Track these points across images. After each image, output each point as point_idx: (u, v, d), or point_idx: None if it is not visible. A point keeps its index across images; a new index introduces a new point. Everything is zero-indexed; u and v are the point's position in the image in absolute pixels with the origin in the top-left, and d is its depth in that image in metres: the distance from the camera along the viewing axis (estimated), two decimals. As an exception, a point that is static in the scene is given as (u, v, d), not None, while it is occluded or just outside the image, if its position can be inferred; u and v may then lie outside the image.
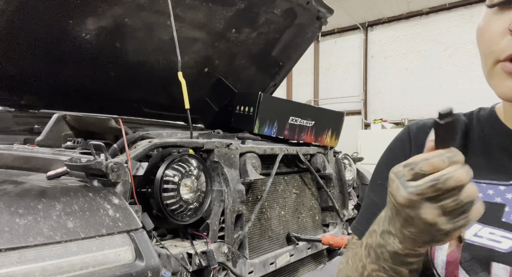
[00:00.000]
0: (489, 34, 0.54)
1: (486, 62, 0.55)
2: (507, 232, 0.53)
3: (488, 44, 0.54)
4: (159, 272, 1.05)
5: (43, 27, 1.81)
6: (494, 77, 0.53)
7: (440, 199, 0.43)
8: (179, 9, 2.11)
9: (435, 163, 0.43)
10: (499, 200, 0.56)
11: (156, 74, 2.40)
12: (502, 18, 0.52)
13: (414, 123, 0.72)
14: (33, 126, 2.10)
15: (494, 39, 0.53)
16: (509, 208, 0.55)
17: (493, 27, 0.53)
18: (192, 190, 1.39)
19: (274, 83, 3.07)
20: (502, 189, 0.57)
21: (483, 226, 0.56)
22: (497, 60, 0.52)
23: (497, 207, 0.56)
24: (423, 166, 0.43)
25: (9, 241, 0.85)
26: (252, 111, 2.03)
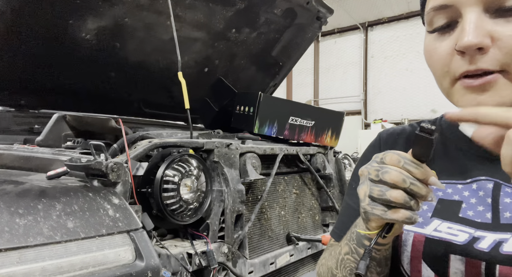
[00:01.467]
0: (438, 56, 0.57)
1: (442, 83, 0.59)
2: (463, 226, 0.58)
3: (440, 66, 0.57)
4: (159, 272, 1.05)
5: (43, 27, 1.81)
6: (454, 94, 0.57)
7: (374, 183, 0.50)
8: (179, 9, 2.11)
9: (395, 159, 0.49)
10: (457, 197, 0.61)
11: (156, 74, 2.40)
12: (446, 40, 0.56)
13: (385, 130, 0.78)
14: (33, 126, 2.10)
15: (444, 60, 0.56)
16: (466, 204, 0.60)
17: (440, 50, 0.57)
18: (192, 190, 1.39)
19: (274, 83, 3.07)
20: (459, 188, 0.62)
21: (442, 221, 0.60)
22: (453, 79, 0.56)
23: (455, 204, 0.61)
24: (387, 157, 0.50)
25: (9, 241, 0.85)
26: (252, 111, 2.02)
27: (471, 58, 0.53)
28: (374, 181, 0.50)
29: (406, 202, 0.48)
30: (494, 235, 0.55)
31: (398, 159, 0.49)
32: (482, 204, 0.59)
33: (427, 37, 0.60)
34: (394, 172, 0.48)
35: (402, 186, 0.48)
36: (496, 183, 0.59)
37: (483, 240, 0.55)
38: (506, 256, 0.52)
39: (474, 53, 0.52)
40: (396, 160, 0.49)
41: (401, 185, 0.48)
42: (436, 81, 0.62)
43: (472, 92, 0.55)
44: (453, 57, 0.55)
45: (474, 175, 0.62)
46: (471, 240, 0.56)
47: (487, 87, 0.53)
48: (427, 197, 0.49)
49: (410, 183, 0.48)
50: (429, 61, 0.60)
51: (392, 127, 0.78)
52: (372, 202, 0.50)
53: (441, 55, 0.57)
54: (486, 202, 0.59)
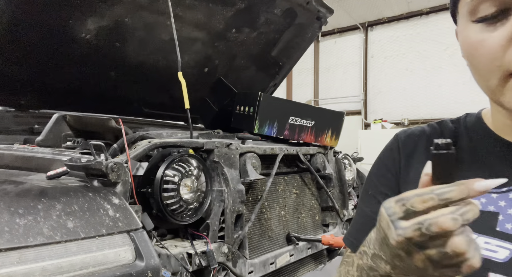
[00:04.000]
0: (488, 49, 0.50)
1: (489, 79, 0.51)
2: (502, 242, 0.53)
3: (490, 60, 0.50)
4: (159, 272, 1.05)
5: (43, 27, 1.81)
6: (506, 93, 0.50)
7: (425, 246, 0.41)
8: (179, 9, 2.11)
9: (426, 199, 0.40)
10: (492, 208, 0.55)
11: (156, 74, 2.40)
12: (497, 31, 0.49)
13: (402, 131, 0.71)
14: (33, 126, 2.10)
15: (495, 53, 0.49)
16: (503, 216, 0.54)
17: (490, 41, 0.50)
18: (192, 190, 1.39)
19: (274, 83, 3.07)
20: (494, 197, 0.56)
21: (477, 236, 0.55)
22: (507, 75, 0.49)
23: (490, 215, 0.55)
24: (414, 202, 0.41)
25: (9, 241, 0.85)
26: (252, 111, 2.02)
27: None
28: (424, 243, 0.41)
29: (471, 243, 0.40)
30: None
31: (429, 196, 0.41)
32: None
33: (469, 28, 0.53)
34: (438, 218, 0.39)
35: (454, 228, 0.39)
36: None
37: None
38: None
39: None
40: (429, 198, 0.41)
41: (452, 228, 0.39)
42: (479, 78, 0.54)
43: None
44: (508, 49, 0.48)
45: (510, 182, 0.55)
46: (511, 257, 0.51)
47: None
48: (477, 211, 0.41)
49: (461, 217, 0.40)
50: (474, 55, 0.53)
51: (410, 128, 0.71)
52: (438, 267, 0.42)
53: (492, 47, 0.49)
54: None
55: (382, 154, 0.72)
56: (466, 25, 0.53)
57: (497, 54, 0.49)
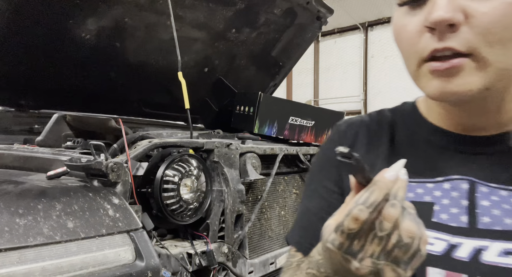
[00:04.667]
0: (407, 34, 0.50)
1: (410, 64, 0.52)
2: (439, 233, 0.52)
3: (409, 45, 0.51)
4: (159, 272, 1.05)
5: (43, 27, 1.81)
6: (421, 79, 0.51)
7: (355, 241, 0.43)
8: (179, 9, 2.11)
9: (356, 215, 0.41)
10: (428, 198, 0.54)
11: (156, 74, 2.40)
12: (416, 16, 0.49)
13: (343, 121, 0.69)
14: (33, 126, 2.10)
15: (413, 38, 0.50)
16: (438, 206, 0.53)
17: (410, 26, 0.50)
18: (192, 190, 1.39)
19: (274, 83, 3.07)
20: (430, 187, 0.55)
21: None
22: (421, 60, 0.50)
23: (426, 206, 0.54)
24: (349, 224, 0.42)
25: (9, 241, 0.85)
26: (252, 111, 2.02)
27: (440, 35, 0.47)
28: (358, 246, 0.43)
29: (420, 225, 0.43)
30: (472, 241, 0.50)
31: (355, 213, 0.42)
32: (456, 206, 0.53)
33: (397, 12, 0.53)
34: (352, 211, 0.42)
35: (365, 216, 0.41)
36: (472, 182, 0.54)
37: (460, 247, 0.50)
38: (488, 266, 0.48)
39: (444, 29, 0.46)
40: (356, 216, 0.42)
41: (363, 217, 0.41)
42: (405, 63, 0.55)
43: (438, 77, 0.49)
44: (422, 34, 0.48)
45: (446, 172, 0.55)
46: (448, 249, 0.50)
47: (454, 72, 0.47)
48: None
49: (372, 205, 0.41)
50: (397, 39, 0.53)
51: (350, 118, 0.69)
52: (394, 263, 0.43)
53: (410, 32, 0.50)
54: (460, 204, 0.53)
55: (324, 146, 0.69)
56: (395, 9, 0.54)
57: (414, 40, 0.49)
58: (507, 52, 0.47)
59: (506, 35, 0.46)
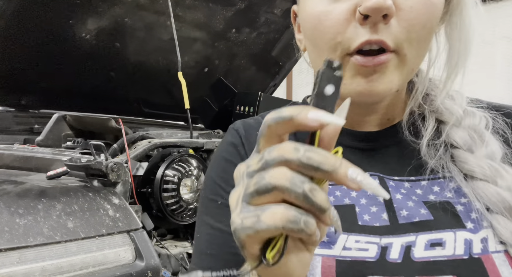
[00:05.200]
0: (330, 22, 0.44)
1: (326, 56, 0.43)
2: (368, 236, 0.46)
3: (332, 34, 0.44)
4: (159, 272, 1.05)
5: (43, 27, 1.81)
6: (345, 76, 0.44)
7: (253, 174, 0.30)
8: (179, 9, 2.11)
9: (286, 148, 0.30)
10: (348, 201, 0.50)
11: (156, 74, 2.40)
12: (341, 2, 0.44)
13: (240, 123, 0.58)
14: (33, 126, 2.10)
15: (338, 27, 0.43)
16: (358, 207, 0.49)
17: (335, 13, 0.44)
18: (192, 190, 1.39)
19: (274, 83, 3.07)
20: (345, 187, 0.49)
21: (347, 235, 0.47)
22: (345, 54, 0.44)
23: (348, 209, 0.49)
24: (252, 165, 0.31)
25: (9, 241, 0.85)
26: (252, 111, 2.02)
27: (374, 26, 0.42)
28: (253, 172, 0.29)
29: (295, 187, 0.27)
30: (399, 239, 0.46)
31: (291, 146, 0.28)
32: (374, 203, 0.49)
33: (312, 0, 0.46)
34: (285, 145, 0.28)
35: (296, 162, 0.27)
36: (380, 177, 0.51)
37: (391, 248, 0.46)
38: (420, 263, 0.44)
39: (379, 20, 0.42)
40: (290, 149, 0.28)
41: (294, 160, 0.27)
42: (315, 55, 0.49)
43: (364, 74, 0.44)
44: (350, 23, 0.43)
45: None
46: (381, 253, 0.45)
47: (379, 69, 0.44)
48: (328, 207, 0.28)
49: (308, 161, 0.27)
50: (317, 28, 0.46)
51: (243, 120, 0.59)
52: (245, 208, 0.29)
53: (336, 20, 0.43)
54: (377, 201, 0.49)
55: (224, 152, 0.56)
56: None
57: (340, 28, 0.43)
58: (420, 52, 0.46)
59: (423, 34, 0.44)
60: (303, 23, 0.51)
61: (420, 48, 0.45)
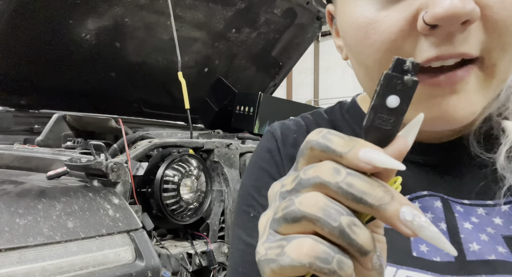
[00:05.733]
0: (381, 37, 0.34)
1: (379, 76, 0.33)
2: (425, 273, 0.38)
3: (382, 53, 0.34)
4: (159, 272, 1.05)
5: (43, 27, 1.81)
6: None
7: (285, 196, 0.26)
8: (179, 9, 2.11)
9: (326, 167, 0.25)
10: None
11: (156, 74, 2.40)
12: (397, 8, 0.33)
13: (277, 126, 0.51)
14: (33, 126, 2.10)
15: (392, 41, 0.33)
16: None
17: (386, 23, 0.33)
18: (192, 190, 1.39)
19: (274, 83, 3.07)
20: None
21: (396, 268, 0.39)
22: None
23: (400, 234, 0.38)
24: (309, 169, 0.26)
25: (9, 241, 0.85)
26: (252, 111, 2.02)
27: (447, 37, 0.31)
28: (286, 193, 0.25)
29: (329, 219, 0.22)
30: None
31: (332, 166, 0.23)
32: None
33: (356, 4, 0.36)
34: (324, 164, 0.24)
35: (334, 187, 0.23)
36: (444, 200, 0.41)
37: None
38: None
39: (455, 29, 0.31)
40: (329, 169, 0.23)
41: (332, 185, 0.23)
42: (366, 76, 0.39)
43: (436, 96, 0.34)
44: (408, 36, 0.33)
45: (411, 188, 0.42)
46: None
47: (458, 88, 0.33)
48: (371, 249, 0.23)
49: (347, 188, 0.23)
50: (363, 43, 0.35)
51: (282, 122, 0.52)
52: (271, 236, 0.25)
53: (388, 33, 0.33)
54: (439, 228, 0.39)
55: (258, 158, 0.50)
56: (351, 0, 0.37)
57: (395, 42, 0.33)
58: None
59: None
60: (343, 32, 0.40)
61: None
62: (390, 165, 0.22)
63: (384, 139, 0.23)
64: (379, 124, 0.23)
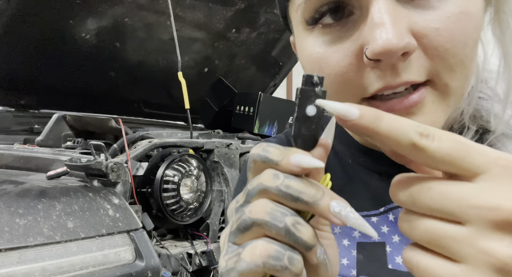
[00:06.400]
0: (334, 70, 0.35)
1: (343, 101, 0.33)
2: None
3: (336, 86, 0.36)
4: (159, 272, 1.05)
5: (43, 27, 1.81)
6: None
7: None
8: (179, 9, 2.11)
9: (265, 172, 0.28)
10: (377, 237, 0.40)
11: (156, 74, 2.40)
12: (341, 44, 0.35)
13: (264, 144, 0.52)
14: (33, 126, 2.10)
15: (343, 75, 0.35)
16: (390, 246, 0.40)
17: (334, 60, 0.35)
18: (192, 190, 1.39)
19: (274, 83, 3.07)
20: (375, 222, 0.42)
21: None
22: (361, 99, 0.36)
23: (378, 248, 0.41)
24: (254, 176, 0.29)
25: (9, 241, 0.85)
26: (252, 111, 2.02)
27: (391, 68, 0.33)
28: (239, 207, 0.28)
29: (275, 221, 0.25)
30: None
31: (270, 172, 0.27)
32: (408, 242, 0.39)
33: (305, 38, 0.38)
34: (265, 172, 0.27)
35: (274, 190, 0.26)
36: None
37: None
38: None
39: (396, 60, 0.32)
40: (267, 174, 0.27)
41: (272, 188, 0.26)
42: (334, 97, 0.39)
43: None
44: (358, 68, 0.34)
45: (386, 200, 0.42)
46: None
47: (414, 110, 0.34)
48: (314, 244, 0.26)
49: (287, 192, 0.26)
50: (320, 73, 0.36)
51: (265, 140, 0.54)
52: (230, 248, 0.27)
53: (338, 67, 0.35)
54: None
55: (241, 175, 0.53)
56: (301, 35, 0.39)
57: (346, 75, 0.35)
58: (466, 72, 0.35)
59: (465, 53, 0.33)
60: (302, 64, 0.41)
61: (466, 68, 0.34)
62: (313, 165, 0.25)
63: (310, 143, 0.27)
64: (303, 132, 0.27)
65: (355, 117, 0.24)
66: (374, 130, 0.24)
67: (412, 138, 0.23)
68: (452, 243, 0.22)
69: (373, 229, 0.26)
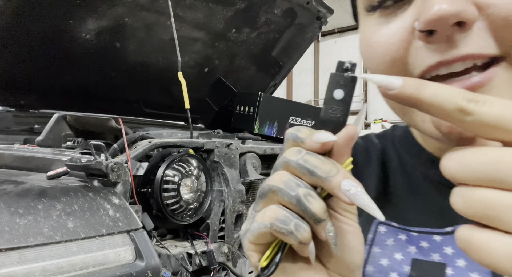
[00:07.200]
0: (384, 46, 0.33)
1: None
2: None
3: (389, 62, 0.34)
4: (159, 272, 1.05)
5: (43, 27, 1.81)
6: (416, 111, 0.33)
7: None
8: (179, 9, 2.11)
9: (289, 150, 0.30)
10: (437, 257, 0.38)
11: (156, 74, 2.40)
12: (396, 21, 0.33)
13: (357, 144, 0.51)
14: (33, 126, 2.10)
15: (395, 51, 0.33)
16: (452, 269, 0.37)
17: (386, 35, 0.33)
18: (192, 190, 1.39)
19: (274, 83, 3.07)
20: (438, 240, 0.39)
21: None
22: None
23: (435, 269, 0.38)
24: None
25: (9, 241, 0.85)
26: (252, 111, 2.02)
27: (446, 41, 0.29)
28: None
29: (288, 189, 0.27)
30: None
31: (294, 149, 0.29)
32: (476, 270, 0.36)
33: (365, 23, 0.37)
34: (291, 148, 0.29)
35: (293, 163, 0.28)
36: None
37: None
38: None
39: (451, 31, 0.28)
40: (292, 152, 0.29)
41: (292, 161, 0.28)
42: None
43: None
44: (410, 44, 0.32)
45: (454, 219, 0.38)
46: None
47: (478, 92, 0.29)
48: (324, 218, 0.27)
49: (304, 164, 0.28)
50: (370, 55, 0.36)
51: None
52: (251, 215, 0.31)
53: (390, 43, 0.33)
54: (483, 267, 0.34)
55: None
56: (362, 20, 0.38)
57: (398, 52, 0.33)
58: None
59: None
60: (360, 50, 0.40)
61: None
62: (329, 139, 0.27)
63: (337, 126, 0.29)
64: (330, 114, 0.29)
65: (397, 86, 0.24)
66: (418, 98, 0.23)
67: (459, 103, 0.21)
68: (509, 212, 0.20)
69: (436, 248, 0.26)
